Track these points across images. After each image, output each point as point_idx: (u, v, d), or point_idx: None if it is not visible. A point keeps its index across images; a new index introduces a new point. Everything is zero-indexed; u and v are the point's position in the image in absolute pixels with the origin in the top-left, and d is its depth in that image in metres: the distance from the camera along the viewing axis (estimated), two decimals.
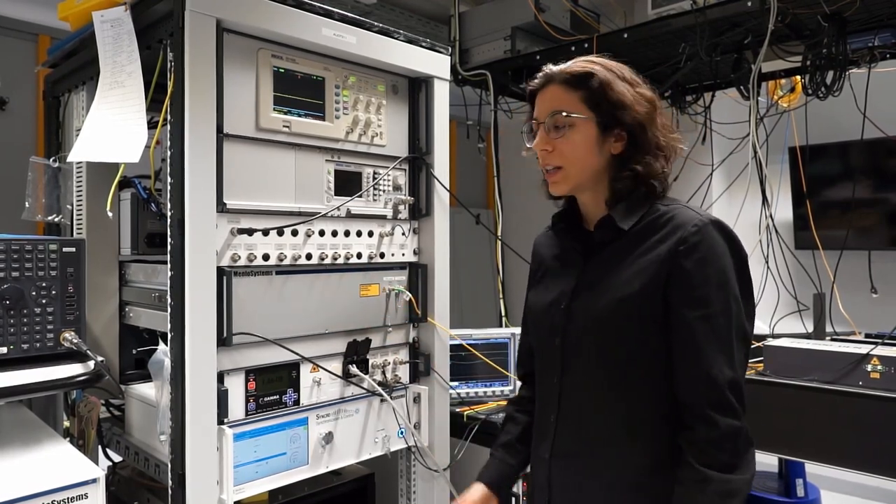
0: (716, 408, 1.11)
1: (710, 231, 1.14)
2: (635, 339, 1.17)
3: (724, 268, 1.13)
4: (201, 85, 1.41)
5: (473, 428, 2.01)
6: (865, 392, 1.77)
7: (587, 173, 1.24)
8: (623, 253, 1.21)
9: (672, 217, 1.18)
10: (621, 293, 1.18)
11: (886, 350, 1.80)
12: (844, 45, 2.14)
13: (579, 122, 1.21)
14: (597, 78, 1.21)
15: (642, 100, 1.22)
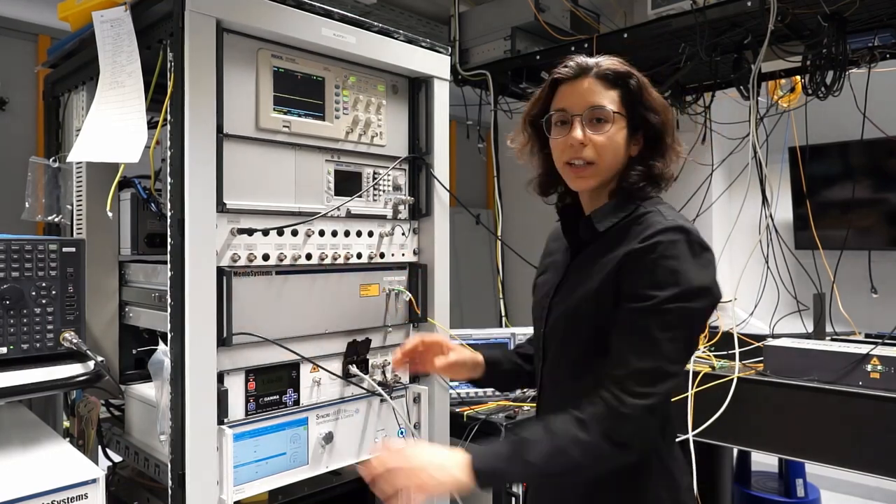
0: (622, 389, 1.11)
1: (669, 235, 1.15)
2: (590, 336, 1.22)
3: (674, 270, 1.13)
4: (201, 85, 1.41)
5: (473, 428, 2.01)
6: (865, 392, 1.78)
7: (614, 171, 1.26)
8: (597, 254, 1.25)
9: (643, 220, 1.21)
10: (582, 292, 1.23)
11: (886, 350, 1.80)
12: (844, 45, 2.14)
13: (618, 120, 1.23)
14: (636, 79, 1.23)
15: (666, 107, 1.27)
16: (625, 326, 1.16)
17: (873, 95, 2.33)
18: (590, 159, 1.23)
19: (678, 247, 1.14)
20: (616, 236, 1.23)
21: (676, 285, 1.12)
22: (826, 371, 1.87)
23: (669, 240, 1.15)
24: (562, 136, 1.25)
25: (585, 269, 1.26)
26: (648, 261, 1.14)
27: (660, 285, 1.13)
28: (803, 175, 3.26)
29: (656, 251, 1.14)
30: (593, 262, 1.24)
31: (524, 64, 2.86)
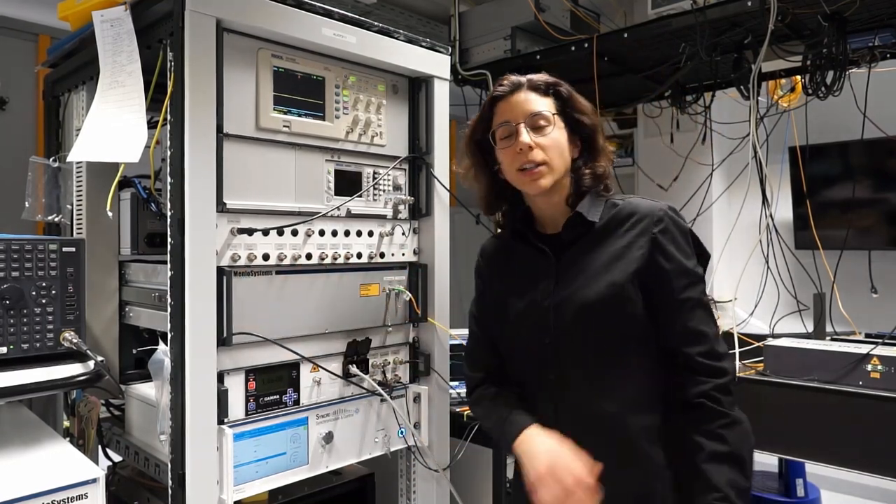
0: (717, 357, 1.27)
1: (673, 214, 1.32)
2: (625, 319, 1.29)
3: (688, 241, 1.32)
4: (201, 85, 1.41)
5: (473, 428, 2.01)
6: (865, 392, 1.78)
7: (563, 171, 1.36)
8: (593, 245, 1.34)
9: (635, 207, 1.33)
10: (607, 279, 1.30)
11: (886, 350, 1.80)
12: (844, 44, 2.14)
13: (558, 122, 1.35)
14: (564, 87, 1.37)
15: (593, 111, 1.40)
16: (684, 302, 1.28)
17: (873, 95, 2.33)
18: (539, 160, 1.32)
19: (682, 222, 1.33)
20: (608, 227, 1.34)
21: (698, 253, 1.33)
22: (826, 371, 1.87)
23: (675, 217, 1.32)
24: (509, 146, 1.35)
25: (589, 262, 1.33)
26: (674, 239, 1.30)
27: (691, 256, 1.31)
28: (803, 175, 3.26)
29: (675, 229, 1.31)
30: (597, 254, 1.33)
31: (524, 64, 2.86)
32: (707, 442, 1.23)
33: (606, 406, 1.30)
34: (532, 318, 1.38)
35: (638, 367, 1.31)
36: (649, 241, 1.29)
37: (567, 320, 1.32)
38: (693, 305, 1.28)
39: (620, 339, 1.30)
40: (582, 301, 1.31)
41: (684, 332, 1.28)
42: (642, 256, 1.28)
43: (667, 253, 1.28)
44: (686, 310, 1.28)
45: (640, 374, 1.31)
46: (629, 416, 1.30)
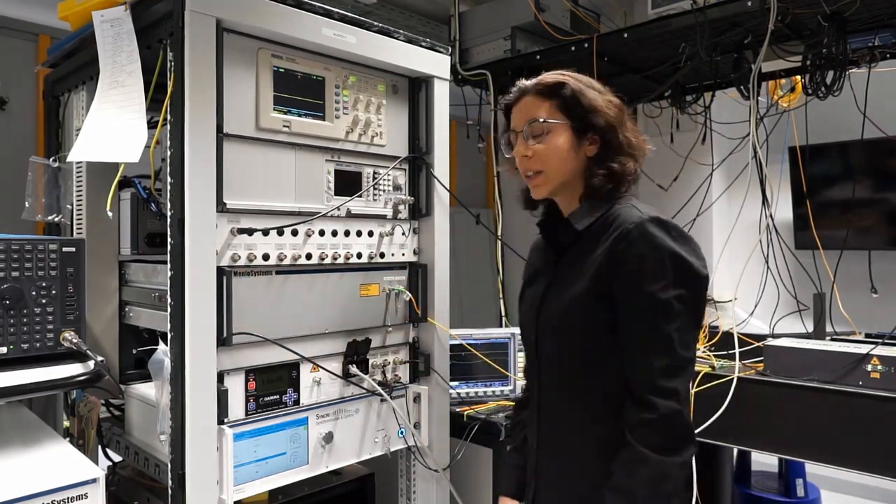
0: (653, 391, 1.17)
1: (647, 227, 1.20)
2: (585, 336, 1.26)
3: (662, 260, 1.18)
4: (201, 85, 1.41)
5: (473, 428, 2.01)
6: (865, 392, 1.77)
7: (565, 175, 1.32)
8: (579, 254, 1.30)
9: (617, 216, 1.26)
10: (570, 293, 1.28)
11: (886, 350, 1.80)
12: (844, 44, 2.14)
13: (555, 128, 1.30)
14: (568, 87, 1.30)
15: (611, 105, 1.32)
16: (632, 327, 1.21)
17: (873, 95, 2.33)
18: (536, 168, 1.32)
19: (658, 236, 1.20)
20: (595, 236, 1.28)
21: (667, 275, 1.18)
22: (826, 371, 1.87)
23: (649, 231, 1.20)
24: (512, 154, 1.36)
25: (570, 271, 1.31)
26: (634, 256, 1.19)
27: (653, 278, 1.18)
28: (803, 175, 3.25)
29: (639, 245, 1.19)
30: (577, 263, 1.30)
31: (524, 64, 2.86)
32: (616, 471, 1.20)
33: (570, 413, 1.31)
34: (529, 316, 1.41)
35: (599, 379, 1.27)
36: (609, 254, 1.22)
37: (543, 325, 1.34)
38: (645, 333, 1.19)
39: (582, 352, 1.28)
40: (553, 309, 1.32)
41: (631, 358, 1.22)
42: (602, 273, 1.23)
43: (621, 272, 1.21)
44: (637, 336, 1.20)
45: (602, 385, 1.27)
46: (588, 425, 1.28)
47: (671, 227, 1.22)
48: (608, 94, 1.34)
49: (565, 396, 1.32)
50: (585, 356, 1.27)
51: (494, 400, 2.24)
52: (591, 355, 1.27)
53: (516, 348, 2.26)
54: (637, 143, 1.33)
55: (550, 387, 1.35)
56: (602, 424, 1.27)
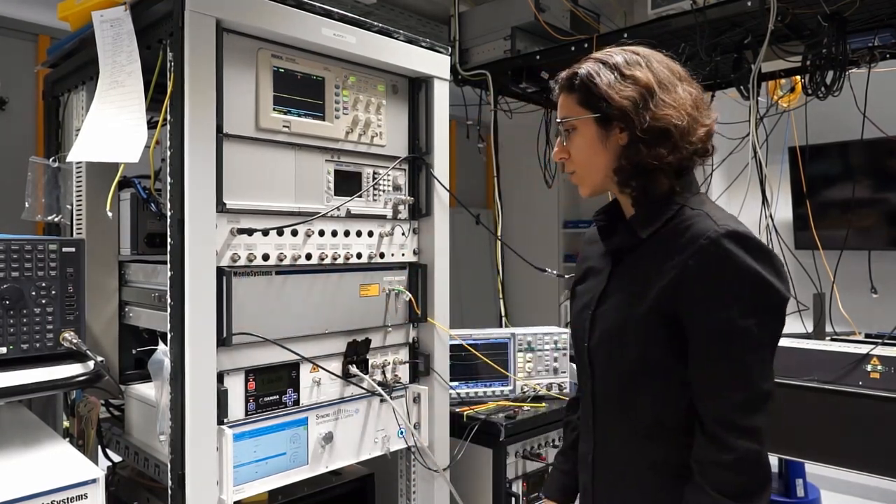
0: (729, 429, 1.06)
1: (723, 244, 1.07)
2: (645, 350, 1.15)
3: (737, 281, 1.07)
4: (201, 85, 1.41)
5: (473, 428, 2.01)
6: (865, 392, 1.78)
7: (598, 173, 1.22)
8: (642, 263, 1.19)
9: (689, 226, 1.13)
10: (631, 307, 1.17)
11: (886, 350, 1.80)
12: (844, 45, 2.14)
13: (579, 124, 1.21)
14: (579, 76, 1.19)
15: (629, 83, 1.14)
16: (705, 356, 1.09)
17: (873, 95, 2.33)
18: (570, 170, 1.26)
19: (737, 255, 1.07)
20: (661, 244, 1.16)
21: (747, 299, 1.06)
22: (826, 371, 1.87)
23: (725, 248, 1.07)
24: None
25: (631, 280, 1.20)
26: (710, 277, 1.08)
27: (730, 302, 1.06)
28: (803, 175, 3.26)
29: (715, 264, 1.07)
30: (639, 273, 1.19)
31: (524, 64, 2.86)
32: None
33: (621, 427, 1.22)
34: (581, 319, 1.30)
35: (655, 397, 1.16)
36: (681, 271, 1.09)
37: (598, 333, 1.24)
38: (721, 364, 1.07)
39: (637, 367, 1.17)
40: (610, 318, 1.22)
41: (703, 389, 1.10)
42: (668, 288, 1.11)
43: (693, 294, 1.08)
44: (705, 366, 1.09)
45: (658, 404, 1.16)
46: (642, 442, 1.19)
47: (750, 243, 1.08)
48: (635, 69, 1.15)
49: (617, 409, 1.23)
50: (639, 374, 1.17)
51: (494, 400, 2.24)
52: (646, 374, 1.16)
53: (516, 348, 2.26)
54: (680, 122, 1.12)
55: (604, 397, 1.26)
56: (655, 444, 1.17)
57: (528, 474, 2.11)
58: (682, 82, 1.18)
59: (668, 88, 1.15)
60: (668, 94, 1.14)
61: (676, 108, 1.13)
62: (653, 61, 1.18)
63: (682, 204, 1.17)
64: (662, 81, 1.15)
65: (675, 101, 1.14)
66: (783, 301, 1.10)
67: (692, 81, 1.21)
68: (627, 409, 1.21)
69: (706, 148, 1.19)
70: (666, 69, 1.18)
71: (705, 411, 1.10)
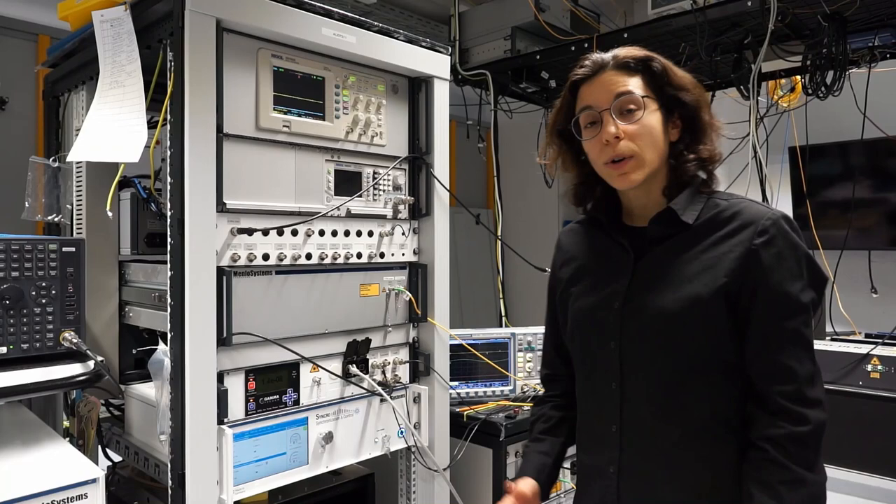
0: (802, 402, 1.09)
1: (783, 225, 1.12)
2: (706, 338, 1.13)
3: (800, 260, 1.12)
4: (201, 85, 1.41)
5: (473, 428, 2.01)
6: (865, 392, 1.78)
7: (658, 160, 1.18)
8: (684, 249, 1.17)
9: (739, 211, 1.15)
10: (690, 291, 1.13)
11: (886, 350, 1.80)
12: (844, 44, 2.15)
13: (649, 104, 1.16)
14: (658, 61, 1.18)
15: (696, 84, 1.20)
16: (771, 331, 1.10)
17: (873, 95, 2.34)
18: (628, 153, 1.15)
19: (793, 235, 1.12)
20: (707, 230, 1.16)
21: (805, 276, 1.11)
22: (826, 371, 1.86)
23: (785, 229, 1.12)
24: (594, 136, 1.18)
25: (675, 268, 1.16)
26: (775, 254, 1.10)
27: (795, 278, 1.10)
28: (803, 175, 3.25)
29: (779, 242, 1.11)
30: (685, 259, 1.16)
31: (524, 64, 2.86)
32: (759, 495, 1.07)
33: (669, 428, 1.16)
34: (598, 319, 1.23)
35: (711, 391, 1.14)
36: (746, 253, 1.11)
37: (637, 329, 1.18)
38: (787, 338, 1.10)
39: (694, 360, 1.13)
40: (657, 311, 1.15)
41: (770, 365, 1.10)
42: (735, 271, 1.11)
43: (765, 271, 1.10)
44: (777, 341, 1.10)
45: (714, 398, 1.14)
46: (693, 442, 1.14)
47: (797, 227, 1.15)
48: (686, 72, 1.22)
49: (661, 412, 1.16)
50: (699, 361, 1.13)
51: (494, 400, 2.24)
52: (707, 361, 1.13)
53: (516, 348, 2.26)
54: (717, 125, 1.21)
55: (644, 399, 1.18)
56: (705, 441, 1.14)
57: None
58: None
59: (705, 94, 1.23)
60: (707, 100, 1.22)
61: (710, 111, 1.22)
62: None
63: (710, 193, 1.20)
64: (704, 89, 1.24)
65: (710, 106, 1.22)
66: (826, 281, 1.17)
67: None
68: (677, 409, 1.15)
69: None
70: None
71: (770, 387, 1.10)
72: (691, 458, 1.15)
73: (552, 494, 2.16)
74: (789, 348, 1.10)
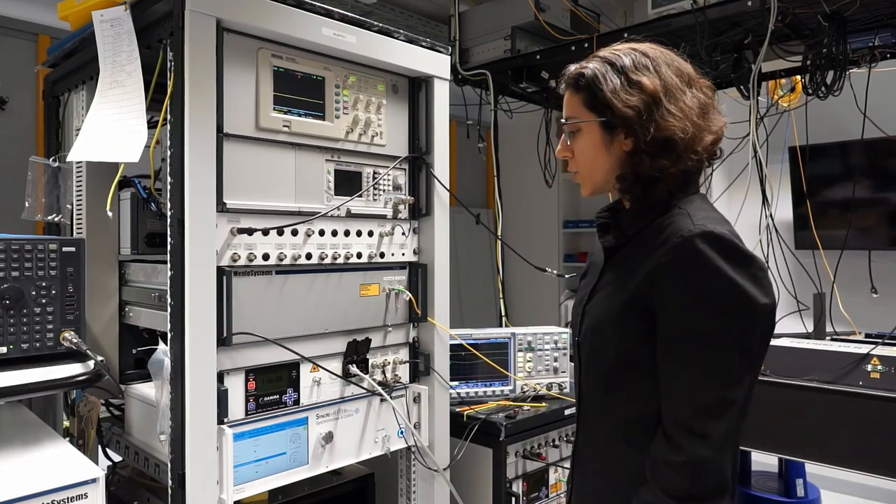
0: (682, 431, 1.05)
1: (695, 244, 1.04)
2: (618, 350, 1.15)
3: (704, 283, 1.04)
4: (201, 84, 1.41)
5: (473, 428, 2.01)
6: (865, 392, 1.78)
7: (600, 175, 1.20)
8: (626, 260, 1.20)
9: (669, 224, 1.11)
10: (611, 301, 1.18)
11: (886, 350, 1.80)
12: (844, 44, 2.15)
13: (584, 126, 1.19)
14: (585, 78, 1.17)
15: (635, 91, 1.12)
16: (669, 356, 1.08)
17: (873, 95, 2.34)
18: (573, 170, 1.25)
19: (707, 255, 1.03)
20: (645, 241, 1.15)
21: (714, 301, 1.03)
22: (826, 371, 1.87)
23: (696, 248, 1.04)
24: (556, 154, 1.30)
25: (615, 277, 1.21)
26: (677, 276, 1.06)
27: (696, 304, 1.04)
28: (803, 175, 3.26)
29: (684, 263, 1.05)
30: (622, 270, 1.19)
31: (524, 63, 2.87)
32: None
33: (603, 426, 1.22)
34: (575, 312, 1.33)
35: (633, 396, 1.15)
36: (653, 270, 1.08)
37: (584, 330, 1.24)
38: (682, 363, 1.06)
39: (614, 365, 1.17)
40: (595, 313, 1.22)
41: (665, 387, 1.09)
42: (642, 285, 1.10)
43: (661, 292, 1.07)
44: (672, 365, 1.07)
45: (635, 402, 1.15)
46: (621, 439, 1.18)
47: (726, 244, 1.05)
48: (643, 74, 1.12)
49: (601, 406, 1.22)
50: (620, 369, 1.16)
51: (494, 400, 2.24)
52: (624, 371, 1.15)
53: (516, 348, 2.26)
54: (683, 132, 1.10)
55: (588, 393, 1.26)
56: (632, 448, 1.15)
57: (528, 474, 2.11)
58: (692, 87, 1.16)
59: (674, 96, 1.12)
60: (675, 103, 1.12)
61: (682, 118, 1.11)
62: (661, 65, 1.15)
63: (674, 204, 1.16)
64: (670, 89, 1.13)
65: (680, 111, 1.11)
66: (755, 306, 1.04)
67: (703, 83, 1.19)
68: (611, 406, 1.20)
69: (713, 153, 1.19)
70: (675, 74, 1.15)
71: (666, 410, 1.08)
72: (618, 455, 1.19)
73: (552, 494, 2.17)
74: (684, 374, 1.06)
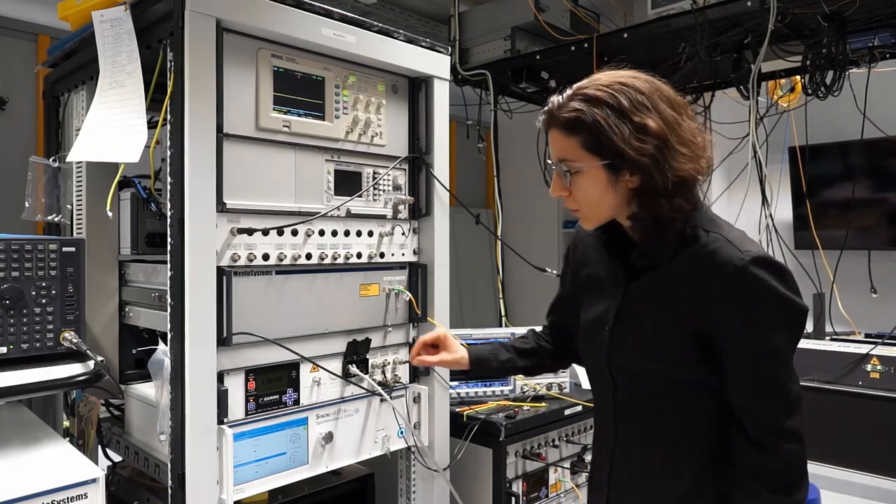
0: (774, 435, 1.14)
1: (752, 271, 1.12)
2: (675, 368, 1.20)
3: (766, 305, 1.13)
4: (201, 85, 1.41)
5: (473, 428, 2.01)
6: (865, 392, 1.78)
7: (607, 212, 1.23)
8: (663, 284, 1.21)
9: (713, 252, 1.15)
10: (664, 330, 1.20)
11: (886, 350, 1.80)
12: (844, 44, 2.15)
13: (585, 169, 1.17)
14: (586, 124, 1.14)
15: (645, 136, 1.12)
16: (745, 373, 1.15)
17: (873, 95, 2.34)
18: (574, 208, 1.24)
19: (765, 279, 1.12)
20: (684, 268, 1.18)
21: (778, 319, 1.14)
22: (826, 371, 1.87)
23: (754, 275, 1.12)
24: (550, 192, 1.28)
25: (651, 299, 1.23)
26: (743, 302, 1.13)
27: (764, 324, 1.13)
28: (803, 175, 3.26)
29: (747, 290, 1.12)
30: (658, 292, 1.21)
31: (524, 64, 2.87)
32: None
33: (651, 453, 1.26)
34: (596, 335, 1.31)
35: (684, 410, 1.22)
36: (711, 299, 1.14)
37: (620, 356, 1.26)
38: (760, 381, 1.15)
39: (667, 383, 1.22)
40: (632, 344, 1.24)
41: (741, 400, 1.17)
42: (700, 316, 1.16)
43: (728, 318, 1.14)
44: (751, 384, 1.15)
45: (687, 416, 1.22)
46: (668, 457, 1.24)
47: (773, 266, 1.14)
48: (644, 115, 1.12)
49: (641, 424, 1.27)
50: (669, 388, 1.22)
51: (494, 400, 2.24)
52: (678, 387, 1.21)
53: None
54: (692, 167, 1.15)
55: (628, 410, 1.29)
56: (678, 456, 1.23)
57: (528, 474, 2.11)
58: (682, 114, 1.18)
59: (676, 131, 1.15)
60: (679, 138, 1.15)
61: (691, 154, 1.15)
62: (656, 99, 1.15)
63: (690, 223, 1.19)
64: (671, 124, 1.14)
65: (687, 147, 1.15)
66: (804, 313, 1.18)
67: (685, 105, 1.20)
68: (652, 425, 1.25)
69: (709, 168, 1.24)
70: (667, 105, 1.16)
71: (749, 421, 1.16)
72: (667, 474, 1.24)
73: (552, 494, 2.17)
74: (764, 386, 1.15)
